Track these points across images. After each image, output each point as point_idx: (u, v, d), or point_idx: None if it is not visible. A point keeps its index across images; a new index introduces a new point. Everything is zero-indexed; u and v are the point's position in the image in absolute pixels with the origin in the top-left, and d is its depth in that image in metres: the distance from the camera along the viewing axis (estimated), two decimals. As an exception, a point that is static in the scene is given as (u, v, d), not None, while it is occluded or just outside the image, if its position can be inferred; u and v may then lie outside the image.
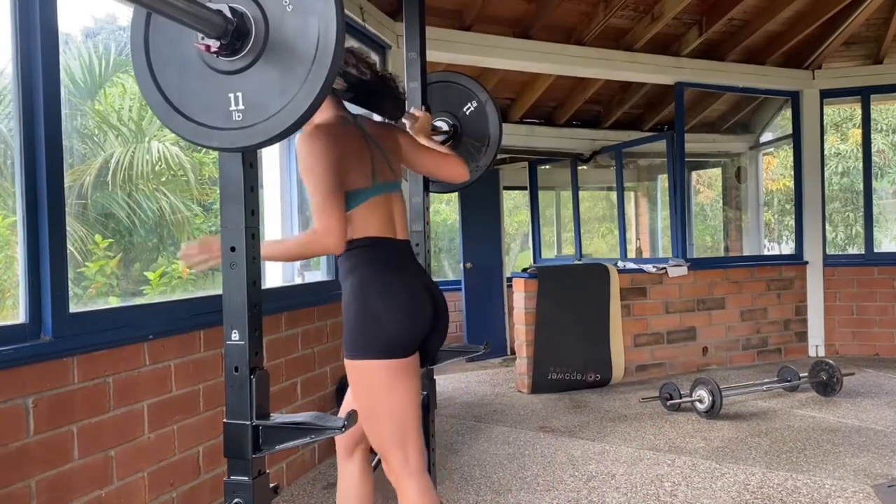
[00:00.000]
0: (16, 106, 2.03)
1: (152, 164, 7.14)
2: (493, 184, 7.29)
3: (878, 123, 11.03)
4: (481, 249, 7.22)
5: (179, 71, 1.28)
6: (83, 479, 2.15)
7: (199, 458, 2.67)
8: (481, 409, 4.85)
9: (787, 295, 6.38)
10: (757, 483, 3.24)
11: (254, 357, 1.36)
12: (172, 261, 7.04)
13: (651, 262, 6.11)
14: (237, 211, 1.36)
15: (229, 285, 1.36)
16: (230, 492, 1.34)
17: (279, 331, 3.30)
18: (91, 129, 7.44)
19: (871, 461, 3.48)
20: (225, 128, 1.25)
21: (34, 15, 2.04)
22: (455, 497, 3.16)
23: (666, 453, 3.68)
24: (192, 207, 7.44)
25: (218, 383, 2.74)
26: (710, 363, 6.03)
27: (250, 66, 1.22)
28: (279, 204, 4.39)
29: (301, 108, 1.19)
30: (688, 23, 5.81)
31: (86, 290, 5.45)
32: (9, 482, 1.91)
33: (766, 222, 9.02)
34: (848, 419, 4.27)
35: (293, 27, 1.20)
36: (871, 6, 5.61)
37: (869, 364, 5.91)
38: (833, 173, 10.75)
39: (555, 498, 3.13)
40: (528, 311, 5.27)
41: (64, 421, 2.08)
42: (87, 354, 2.16)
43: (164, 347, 2.50)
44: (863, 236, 6.69)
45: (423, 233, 2.53)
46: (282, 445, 1.35)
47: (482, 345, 2.60)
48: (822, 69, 6.46)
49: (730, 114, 7.88)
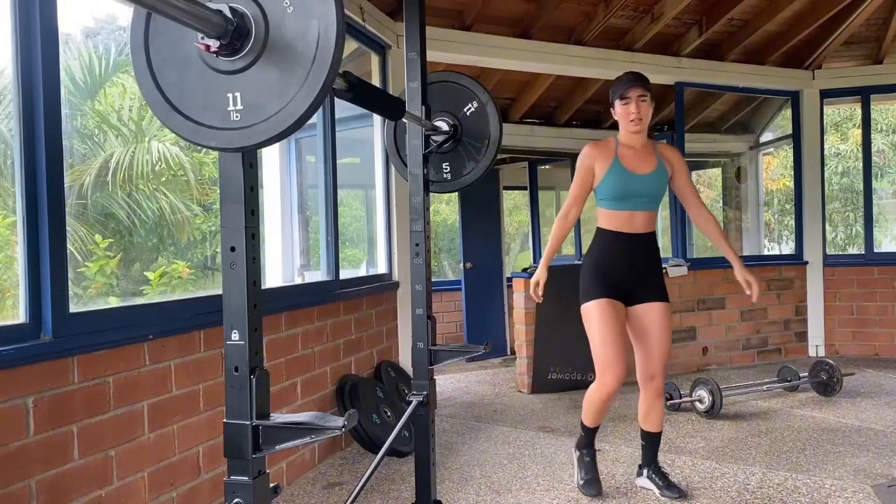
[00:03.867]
0: (16, 106, 2.03)
1: (152, 164, 7.15)
2: (493, 184, 7.29)
3: (878, 123, 11.03)
4: (481, 249, 7.22)
5: (179, 71, 1.28)
6: (83, 479, 2.15)
7: (199, 458, 2.67)
8: (481, 409, 4.85)
9: (787, 295, 6.38)
10: (757, 483, 3.24)
11: (254, 357, 1.36)
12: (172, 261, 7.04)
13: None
14: (237, 211, 1.36)
15: (229, 285, 1.36)
16: (230, 492, 1.34)
17: (279, 331, 3.30)
18: (91, 129, 7.44)
19: (871, 461, 3.48)
20: (223, 128, 1.25)
21: (34, 15, 2.04)
22: (455, 497, 3.16)
23: (666, 453, 3.68)
24: (192, 207, 7.45)
25: (218, 383, 2.74)
26: (710, 363, 6.03)
27: (250, 67, 1.22)
28: (279, 204, 4.39)
29: (300, 109, 1.19)
30: (688, 23, 5.81)
31: (86, 290, 5.45)
32: (9, 482, 1.91)
33: (766, 222, 9.02)
34: (848, 419, 4.27)
35: (293, 28, 1.20)
36: (871, 6, 5.61)
37: (869, 364, 5.91)
38: (833, 173, 10.75)
39: (555, 498, 3.13)
40: (528, 311, 5.27)
41: (64, 421, 2.08)
42: (87, 354, 2.16)
43: (164, 347, 2.50)
44: (863, 236, 6.69)
45: (423, 233, 2.52)
46: (282, 445, 1.35)
47: (482, 345, 2.60)
48: (822, 69, 6.46)
49: (730, 114, 7.88)
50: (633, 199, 2.93)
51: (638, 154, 2.97)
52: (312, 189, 4.60)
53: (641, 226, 2.97)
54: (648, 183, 2.94)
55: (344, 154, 4.51)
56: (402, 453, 3.68)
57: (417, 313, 2.48)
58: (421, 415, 2.48)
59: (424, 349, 2.45)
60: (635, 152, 2.97)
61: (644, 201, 2.95)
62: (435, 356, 2.47)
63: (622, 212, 2.96)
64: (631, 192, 2.93)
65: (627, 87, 2.91)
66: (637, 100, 2.89)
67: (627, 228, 2.97)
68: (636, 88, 2.90)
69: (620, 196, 2.94)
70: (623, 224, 2.97)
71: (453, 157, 2.64)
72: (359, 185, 6.40)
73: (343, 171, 4.32)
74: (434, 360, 2.46)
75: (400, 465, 3.59)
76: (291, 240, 4.37)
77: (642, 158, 2.97)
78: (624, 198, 2.94)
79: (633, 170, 2.93)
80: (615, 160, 2.95)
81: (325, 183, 3.98)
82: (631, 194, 2.93)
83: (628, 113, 2.92)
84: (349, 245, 6.54)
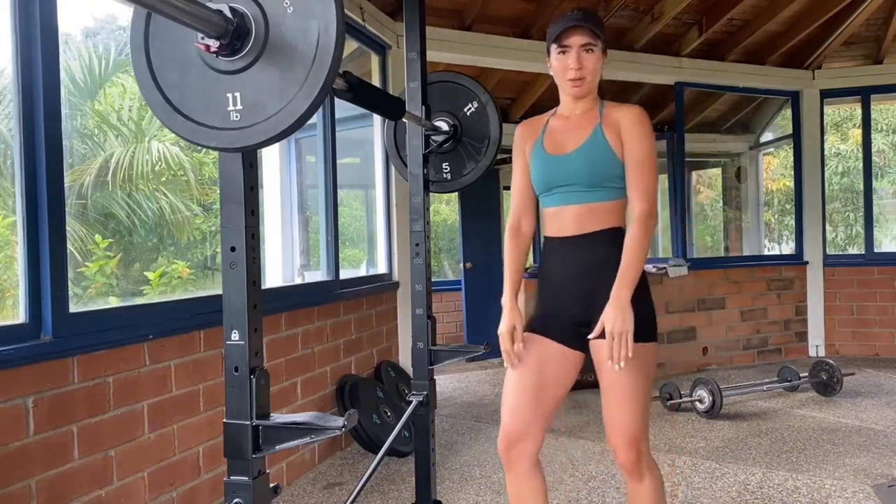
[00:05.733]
0: (16, 106, 2.03)
1: (152, 164, 7.15)
2: (493, 184, 7.29)
3: (878, 123, 11.03)
4: (481, 249, 7.23)
5: (179, 71, 1.28)
6: (83, 479, 2.15)
7: (199, 458, 2.67)
8: (481, 409, 4.85)
9: (787, 295, 6.38)
10: (757, 483, 3.24)
11: (254, 357, 1.36)
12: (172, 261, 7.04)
13: (651, 262, 6.10)
14: (237, 211, 1.36)
15: (229, 285, 1.36)
16: (230, 492, 1.34)
17: (279, 331, 3.30)
18: (91, 129, 7.44)
19: (871, 461, 3.48)
20: (223, 128, 1.25)
21: (34, 15, 2.04)
22: (455, 497, 3.16)
23: (666, 453, 3.68)
24: (192, 207, 7.44)
25: (218, 383, 2.74)
26: (710, 363, 6.03)
27: (250, 67, 1.22)
28: (279, 204, 4.39)
29: (300, 109, 1.19)
30: (688, 23, 5.81)
31: (86, 290, 5.45)
32: (9, 482, 1.91)
33: (766, 222, 9.02)
34: (848, 419, 4.26)
35: (293, 28, 1.20)
36: (871, 6, 5.61)
37: (869, 364, 5.91)
38: (833, 173, 10.74)
39: (555, 498, 3.13)
40: (528, 312, 5.26)
41: (64, 421, 2.08)
42: (87, 354, 2.16)
43: (164, 347, 2.50)
44: (863, 236, 6.69)
45: (423, 233, 2.53)
46: (282, 445, 1.35)
47: (482, 345, 2.60)
48: (822, 69, 6.46)
49: (730, 114, 7.88)
50: (556, 188, 2.04)
51: (569, 126, 2.07)
52: (312, 189, 4.60)
53: (575, 225, 2.02)
54: (572, 163, 2.00)
55: (344, 154, 4.51)
56: (402, 453, 3.68)
57: (417, 313, 2.48)
58: (421, 415, 2.49)
59: (424, 349, 2.45)
60: (566, 124, 2.08)
61: (572, 190, 2.01)
62: (435, 356, 2.47)
63: (550, 208, 2.08)
64: (552, 180, 2.04)
65: (566, 30, 1.97)
66: (579, 49, 1.97)
67: (557, 231, 2.06)
68: (579, 32, 1.96)
69: (543, 187, 2.08)
70: (553, 225, 2.08)
71: (453, 157, 2.65)
72: (359, 185, 6.40)
73: (343, 171, 4.32)
74: (434, 360, 2.47)
75: (400, 465, 3.59)
76: (291, 240, 4.37)
77: (572, 131, 2.05)
78: (547, 189, 2.07)
79: (554, 150, 2.05)
80: (538, 139, 2.10)
81: (325, 183, 3.98)
82: (552, 183, 2.05)
83: (565, 68, 2.00)
84: (349, 245, 6.54)
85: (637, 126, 1.98)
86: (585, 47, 1.97)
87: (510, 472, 2.04)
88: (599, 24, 2.00)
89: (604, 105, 2.06)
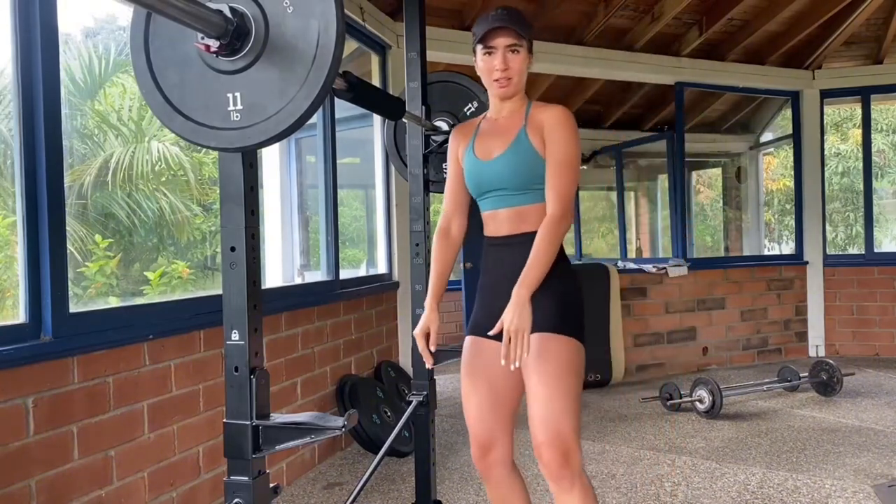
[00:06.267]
0: (16, 106, 2.03)
1: (152, 164, 7.14)
2: (493, 184, 7.28)
3: (878, 123, 11.03)
4: (481, 249, 7.20)
5: (179, 71, 1.28)
6: (83, 479, 2.15)
7: (199, 458, 2.67)
8: (481, 409, 4.85)
9: (787, 295, 6.38)
10: (757, 483, 3.24)
11: (254, 357, 1.36)
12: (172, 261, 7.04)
13: (651, 262, 6.11)
14: (237, 211, 1.36)
15: (229, 285, 1.36)
16: (230, 492, 1.34)
17: (279, 331, 3.30)
18: (91, 129, 7.44)
19: (871, 461, 3.48)
20: (223, 128, 1.25)
21: (34, 15, 2.04)
22: (455, 497, 3.16)
23: (666, 453, 3.68)
24: (192, 207, 7.44)
25: (218, 383, 2.74)
26: (710, 363, 6.03)
27: (250, 67, 1.22)
28: (279, 204, 4.39)
29: (300, 108, 1.19)
30: (688, 23, 5.81)
31: (86, 290, 5.45)
32: (9, 482, 1.91)
33: (766, 222, 9.02)
34: (848, 419, 4.27)
35: (293, 27, 1.20)
36: (871, 6, 5.61)
37: (869, 364, 5.91)
38: (833, 173, 10.74)
39: (555, 498, 3.12)
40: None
41: (64, 421, 2.08)
42: (87, 354, 2.16)
43: (164, 347, 2.50)
44: (863, 236, 6.69)
45: (423, 233, 2.53)
46: (282, 445, 1.35)
47: (482, 345, 2.59)
48: (822, 69, 6.46)
49: (730, 114, 7.89)
50: (488, 193, 2.06)
51: (497, 129, 2.06)
52: (312, 189, 4.60)
53: (509, 226, 2.04)
54: (499, 168, 2.01)
55: (344, 154, 4.51)
56: (402, 453, 3.68)
57: (417, 313, 2.48)
58: (421, 415, 2.49)
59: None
60: (494, 127, 2.07)
61: (501, 194, 2.03)
62: (435, 356, 2.47)
63: (485, 212, 2.10)
64: (482, 185, 2.06)
65: (491, 31, 1.96)
66: (505, 50, 1.97)
67: (494, 231, 2.09)
68: (504, 34, 1.96)
69: (476, 192, 2.10)
70: (490, 226, 2.10)
71: (453, 157, 2.64)
72: (359, 185, 6.39)
73: (343, 171, 4.32)
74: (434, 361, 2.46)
75: (400, 465, 3.59)
76: (291, 240, 4.37)
77: (499, 135, 2.04)
78: (480, 193, 2.08)
79: (483, 155, 2.04)
80: (469, 144, 2.10)
81: (325, 183, 3.98)
82: (483, 188, 2.06)
83: (491, 69, 2.00)
84: (349, 245, 6.54)
85: (559, 127, 1.97)
86: (511, 48, 1.98)
87: (488, 481, 2.07)
88: (524, 24, 2.00)
89: (531, 105, 2.05)
